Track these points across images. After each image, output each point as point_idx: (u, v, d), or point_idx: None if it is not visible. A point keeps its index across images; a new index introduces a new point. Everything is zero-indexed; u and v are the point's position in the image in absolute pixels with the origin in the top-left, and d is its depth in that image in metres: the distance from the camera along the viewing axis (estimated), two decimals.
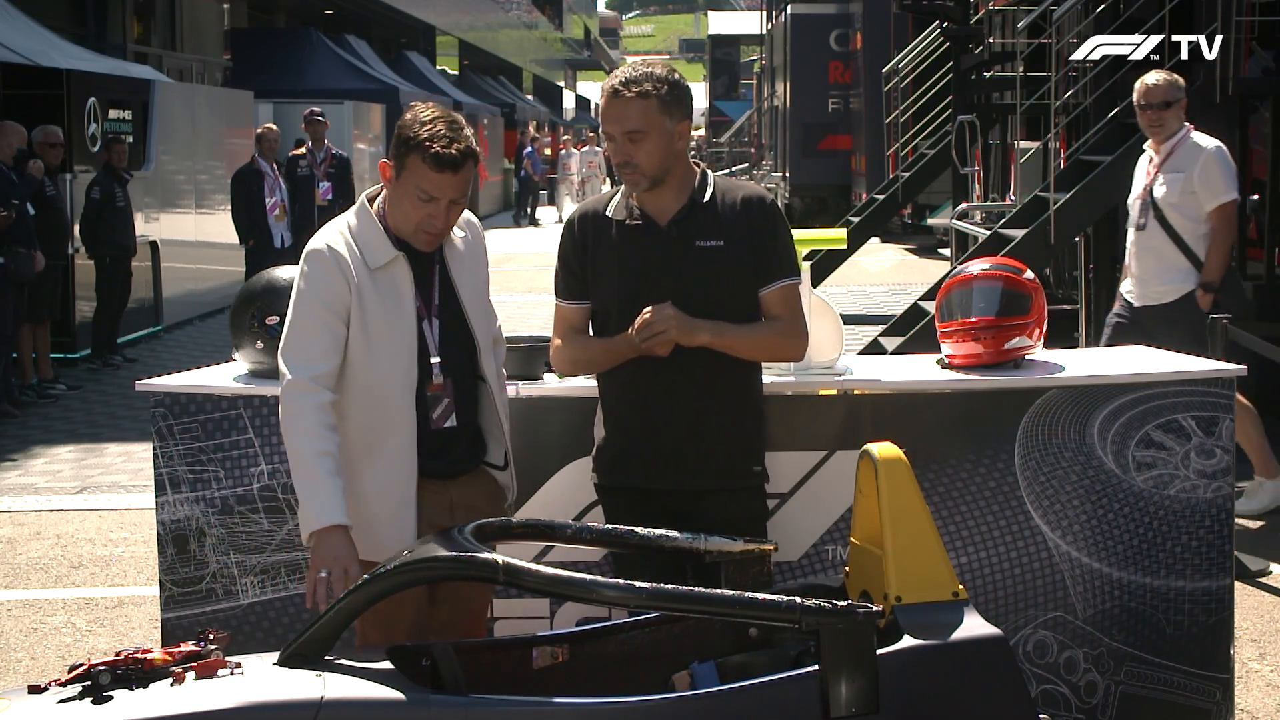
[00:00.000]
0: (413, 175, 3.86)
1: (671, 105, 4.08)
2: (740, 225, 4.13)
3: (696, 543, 3.86)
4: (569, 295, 4.26)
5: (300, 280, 3.93)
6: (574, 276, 4.24)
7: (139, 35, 21.89)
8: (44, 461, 10.10)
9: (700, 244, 4.11)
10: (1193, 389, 4.72)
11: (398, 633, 3.83)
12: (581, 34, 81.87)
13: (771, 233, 4.17)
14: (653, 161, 4.07)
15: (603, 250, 4.18)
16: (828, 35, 28.48)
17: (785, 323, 4.19)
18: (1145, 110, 7.72)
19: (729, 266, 4.11)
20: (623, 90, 4.05)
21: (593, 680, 3.70)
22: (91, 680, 3.26)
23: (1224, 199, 7.53)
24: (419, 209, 3.88)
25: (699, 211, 4.13)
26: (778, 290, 4.18)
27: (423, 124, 3.86)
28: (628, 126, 4.05)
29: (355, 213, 4.01)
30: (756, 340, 4.17)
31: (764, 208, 4.18)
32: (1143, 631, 4.71)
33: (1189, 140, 7.66)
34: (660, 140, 4.06)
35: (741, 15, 63.48)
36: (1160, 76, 7.81)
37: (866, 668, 3.29)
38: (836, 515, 4.63)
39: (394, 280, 3.93)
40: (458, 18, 41.87)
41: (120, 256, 13.67)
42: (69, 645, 6.37)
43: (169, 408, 4.68)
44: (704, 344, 4.06)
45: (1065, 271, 14.37)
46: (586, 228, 4.22)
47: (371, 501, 3.91)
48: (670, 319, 4.02)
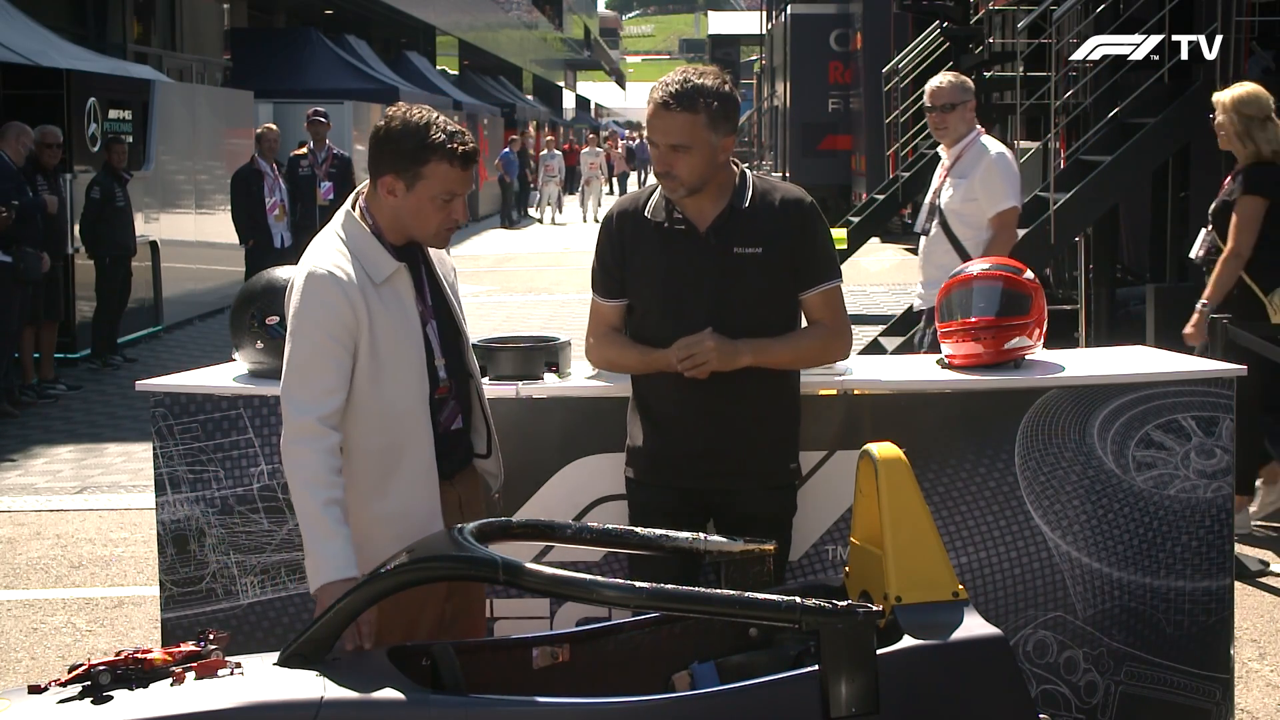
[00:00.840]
0: (436, 180, 3.77)
1: (719, 120, 4.04)
2: (779, 230, 4.12)
3: (696, 543, 3.86)
4: (606, 293, 4.26)
5: (301, 308, 3.75)
6: (611, 276, 4.24)
7: (139, 35, 21.90)
8: (44, 461, 10.10)
9: (738, 250, 4.10)
10: (1193, 389, 4.72)
11: (418, 631, 3.83)
12: (581, 34, 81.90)
13: (811, 236, 4.17)
14: (694, 175, 4.05)
15: (642, 252, 4.17)
16: (828, 35, 28.48)
17: (827, 326, 4.20)
18: (930, 112, 7.47)
19: (767, 272, 4.11)
20: (671, 104, 4.01)
21: (593, 680, 3.70)
22: (91, 680, 3.26)
23: (1003, 206, 7.21)
24: (440, 210, 3.82)
25: (738, 217, 4.12)
26: (819, 294, 4.18)
27: (427, 128, 3.77)
28: (672, 140, 4.02)
29: (343, 227, 3.87)
30: (799, 351, 4.19)
31: (802, 210, 4.18)
32: (1143, 631, 4.70)
33: (976, 145, 7.36)
34: (703, 154, 4.03)
35: (741, 15, 63.52)
36: (946, 78, 7.54)
37: (866, 668, 3.29)
38: (836, 515, 4.63)
39: (398, 292, 3.86)
40: (458, 18, 41.87)
41: (120, 256, 13.67)
42: (69, 645, 6.37)
43: (169, 408, 4.68)
44: (746, 365, 4.07)
45: (1065, 271, 14.38)
46: (625, 227, 4.21)
47: (399, 519, 3.83)
48: (711, 350, 4.02)
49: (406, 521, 3.82)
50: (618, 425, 4.50)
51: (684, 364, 4.04)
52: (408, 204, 3.81)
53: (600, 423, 4.54)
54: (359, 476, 3.81)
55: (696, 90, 4.01)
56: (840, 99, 28.26)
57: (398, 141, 3.77)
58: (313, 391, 3.72)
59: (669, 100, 4.01)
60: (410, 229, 3.86)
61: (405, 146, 3.77)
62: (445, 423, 3.96)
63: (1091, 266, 11.97)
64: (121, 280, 13.78)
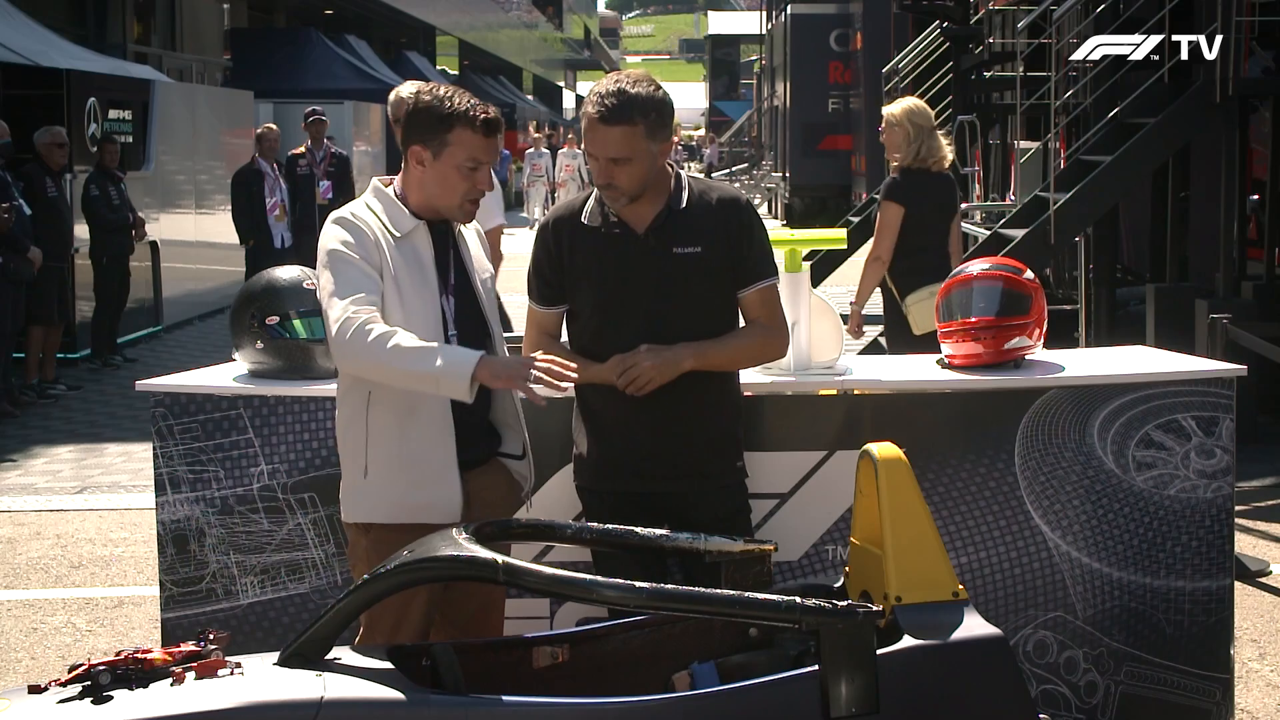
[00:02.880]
0: (460, 148, 3.92)
1: (657, 129, 4.03)
2: (717, 229, 4.12)
3: (697, 543, 3.86)
4: (542, 300, 4.26)
5: (330, 242, 3.92)
6: (546, 282, 4.24)
7: (139, 35, 21.88)
8: (44, 461, 10.10)
9: (678, 251, 4.10)
10: (1193, 389, 4.72)
11: (404, 632, 3.84)
12: (581, 34, 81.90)
13: (749, 235, 4.16)
14: (635, 184, 4.06)
15: (580, 257, 4.17)
16: (828, 35, 28.53)
17: (765, 325, 4.19)
18: None
19: (707, 272, 4.11)
20: (608, 117, 3.99)
21: (593, 680, 3.70)
22: (91, 680, 3.26)
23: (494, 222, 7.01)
24: (466, 179, 3.95)
25: (676, 218, 4.12)
26: (756, 292, 4.18)
27: (448, 98, 3.92)
28: (611, 154, 4.02)
29: (370, 193, 4.06)
30: (739, 351, 4.18)
31: (739, 209, 4.17)
32: (1143, 631, 4.71)
33: None
34: (643, 164, 4.04)
35: (741, 15, 63.54)
36: None
37: (866, 668, 3.29)
38: (836, 515, 4.63)
39: (416, 249, 3.98)
40: (458, 18, 41.87)
41: (118, 256, 13.66)
42: (69, 645, 6.37)
43: (169, 408, 4.68)
44: (687, 370, 4.06)
45: (1065, 271, 14.37)
46: (562, 233, 4.20)
47: (415, 464, 3.93)
48: (650, 368, 4.02)
49: (420, 467, 3.92)
50: None
51: (625, 386, 4.03)
52: (434, 172, 3.95)
53: None
54: (380, 417, 3.93)
55: (632, 102, 3.99)
56: (840, 99, 28.30)
57: (425, 112, 3.94)
58: (353, 289, 3.83)
59: (605, 114, 3.99)
60: (437, 199, 3.98)
61: (432, 115, 3.93)
62: None
63: (1091, 266, 11.97)
64: (120, 280, 13.78)
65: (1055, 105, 11.63)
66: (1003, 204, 14.29)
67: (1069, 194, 10.50)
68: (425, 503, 3.93)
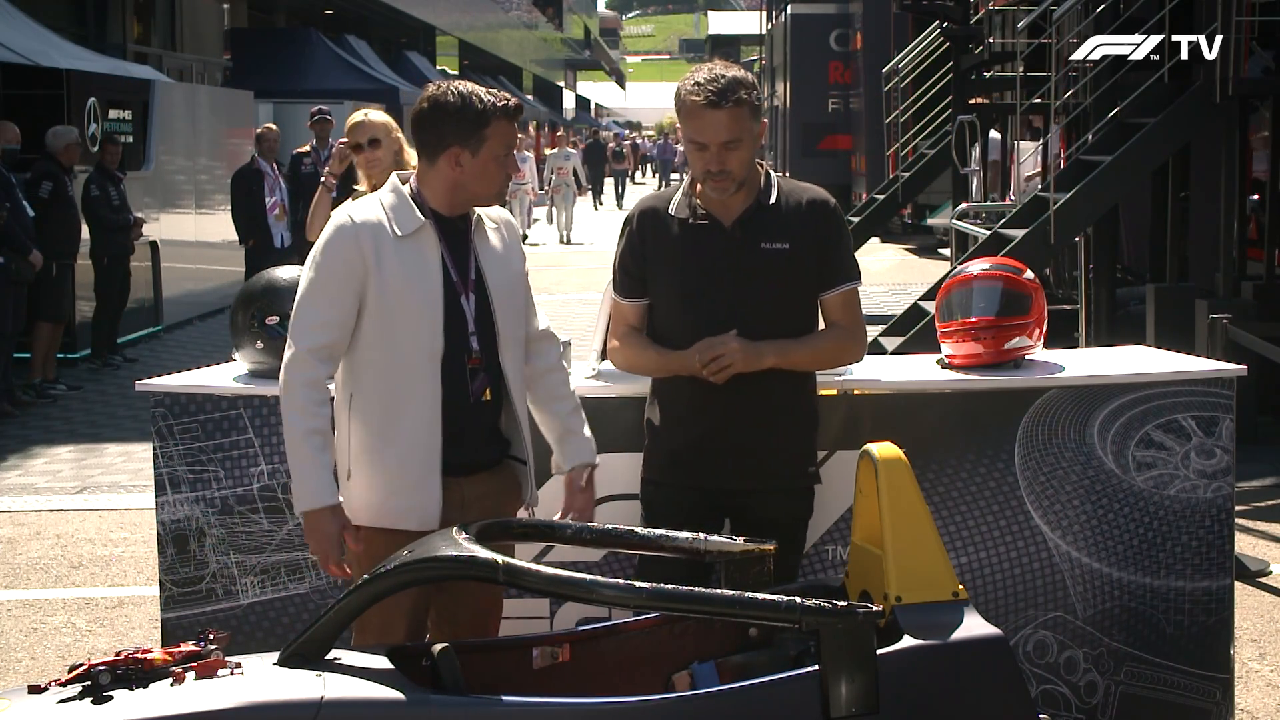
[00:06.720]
0: (499, 140, 3.95)
1: (757, 109, 4.08)
2: (806, 228, 4.12)
3: (696, 543, 3.86)
4: (626, 293, 4.26)
5: (319, 250, 3.95)
6: (630, 275, 4.24)
7: (139, 35, 21.88)
8: (44, 461, 10.10)
9: (765, 246, 4.10)
10: (1193, 389, 4.72)
11: (394, 634, 3.84)
12: (581, 34, 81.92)
13: (836, 236, 4.17)
14: (745, 166, 4.07)
15: (664, 247, 4.17)
16: (828, 35, 28.50)
17: (845, 328, 4.20)
18: None
19: (792, 270, 4.11)
20: (718, 101, 3.99)
21: (593, 680, 3.70)
22: (91, 680, 3.26)
23: None
24: (502, 168, 3.99)
25: (765, 213, 4.12)
26: (839, 295, 4.19)
27: (478, 94, 3.93)
28: (724, 137, 4.01)
29: (389, 188, 4.04)
30: (819, 352, 4.19)
31: (828, 211, 4.18)
32: (1143, 631, 4.71)
33: None
34: (750, 146, 4.05)
35: (741, 15, 63.52)
36: None
37: (866, 668, 3.29)
38: (836, 515, 4.64)
39: (421, 249, 3.95)
40: (458, 18, 41.87)
41: (118, 256, 13.66)
42: (69, 645, 6.37)
43: (169, 408, 4.68)
44: (769, 366, 4.06)
45: (1065, 271, 14.38)
46: (646, 225, 4.21)
47: (396, 469, 3.91)
48: (735, 351, 4.02)
49: (400, 473, 3.91)
50: (620, 425, 4.51)
51: (708, 367, 4.03)
52: (473, 169, 3.95)
53: (602, 422, 4.53)
54: (367, 418, 3.93)
55: (736, 83, 4.01)
56: (840, 99, 28.28)
57: (460, 113, 3.93)
58: (310, 323, 3.89)
59: (715, 98, 4.00)
60: (476, 192, 3.99)
61: (468, 115, 3.92)
62: (475, 391, 3.99)
63: (1091, 266, 11.97)
64: (120, 280, 13.78)
65: (1055, 105, 11.63)
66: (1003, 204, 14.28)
67: (1069, 194, 10.49)
68: (403, 508, 3.91)
